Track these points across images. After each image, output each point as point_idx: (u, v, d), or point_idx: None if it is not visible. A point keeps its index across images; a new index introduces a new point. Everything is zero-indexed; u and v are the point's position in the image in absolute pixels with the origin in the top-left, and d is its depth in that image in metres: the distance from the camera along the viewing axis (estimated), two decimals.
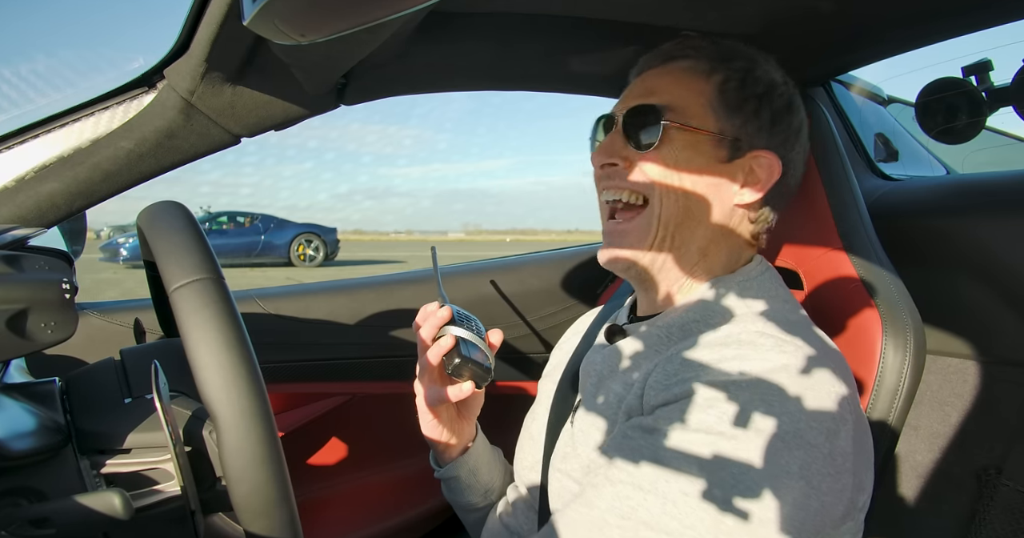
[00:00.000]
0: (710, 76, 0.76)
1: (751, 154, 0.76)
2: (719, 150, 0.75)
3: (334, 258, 13.50)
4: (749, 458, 0.60)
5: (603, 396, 0.77)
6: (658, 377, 0.69)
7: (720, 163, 0.75)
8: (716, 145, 0.75)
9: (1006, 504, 0.87)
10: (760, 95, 0.76)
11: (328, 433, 1.38)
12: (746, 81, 0.76)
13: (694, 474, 0.61)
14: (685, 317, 0.76)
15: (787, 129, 0.78)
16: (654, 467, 0.63)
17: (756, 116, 0.76)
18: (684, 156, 0.75)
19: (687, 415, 0.64)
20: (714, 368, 0.66)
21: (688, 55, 0.78)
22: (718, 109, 0.75)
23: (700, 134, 0.74)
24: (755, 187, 0.76)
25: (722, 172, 0.75)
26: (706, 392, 0.64)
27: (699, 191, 0.75)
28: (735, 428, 0.61)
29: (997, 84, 1.07)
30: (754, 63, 0.78)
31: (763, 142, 0.76)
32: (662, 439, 0.64)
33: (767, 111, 0.76)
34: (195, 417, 0.67)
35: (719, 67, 0.77)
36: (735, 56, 0.78)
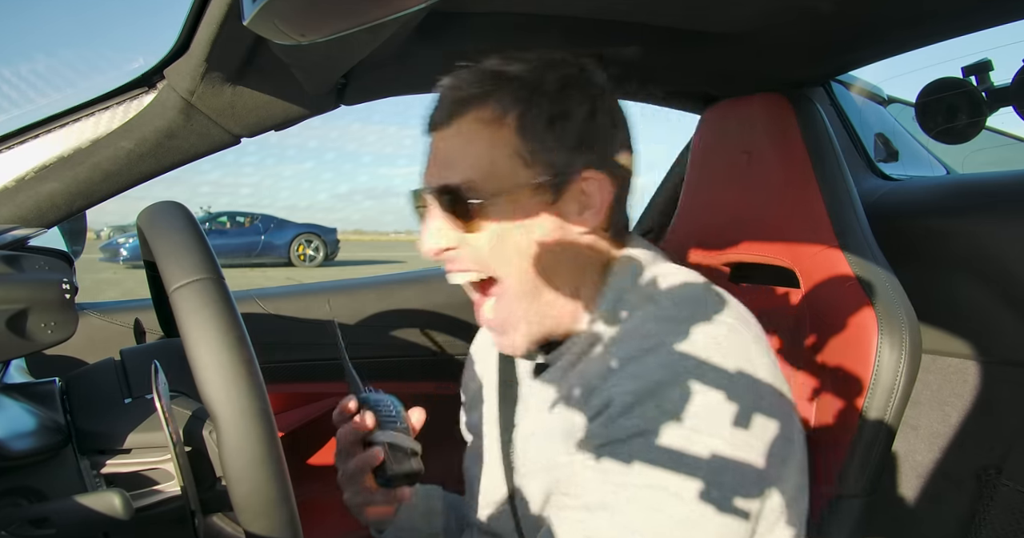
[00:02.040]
0: (502, 120, 0.67)
1: (576, 180, 0.69)
2: (542, 195, 0.68)
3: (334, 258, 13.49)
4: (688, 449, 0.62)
5: (540, 434, 0.76)
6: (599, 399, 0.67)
7: (549, 205, 0.68)
8: (536, 192, 0.68)
9: (1006, 504, 0.87)
10: (561, 113, 0.68)
11: (328, 433, 1.37)
12: (540, 105, 0.67)
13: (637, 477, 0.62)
14: (597, 331, 0.73)
15: (600, 133, 0.70)
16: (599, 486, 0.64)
17: (564, 139, 0.68)
18: (508, 222, 0.68)
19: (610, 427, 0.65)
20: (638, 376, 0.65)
21: (469, 101, 0.68)
22: (525, 154, 0.67)
23: (516, 193, 0.67)
24: (592, 211, 0.70)
25: (555, 213, 0.69)
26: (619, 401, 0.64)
27: (538, 246, 0.69)
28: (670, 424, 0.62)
29: (997, 84, 1.07)
30: (541, 75, 0.68)
31: (582, 161, 0.69)
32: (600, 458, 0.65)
33: (573, 127, 0.68)
34: (195, 417, 0.67)
35: (509, 103, 0.67)
36: (519, 78, 0.68)
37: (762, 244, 1.03)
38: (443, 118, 0.70)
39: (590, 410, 0.67)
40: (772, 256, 1.01)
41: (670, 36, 0.95)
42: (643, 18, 0.92)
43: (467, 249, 0.70)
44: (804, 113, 1.03)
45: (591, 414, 0.67)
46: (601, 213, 0.71)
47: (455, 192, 0.68)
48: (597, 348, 0.72)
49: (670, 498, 0.61)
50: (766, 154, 1.04)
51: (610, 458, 0.64)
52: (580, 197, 0.70)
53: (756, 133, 1.06)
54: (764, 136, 1.05)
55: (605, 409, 0.65)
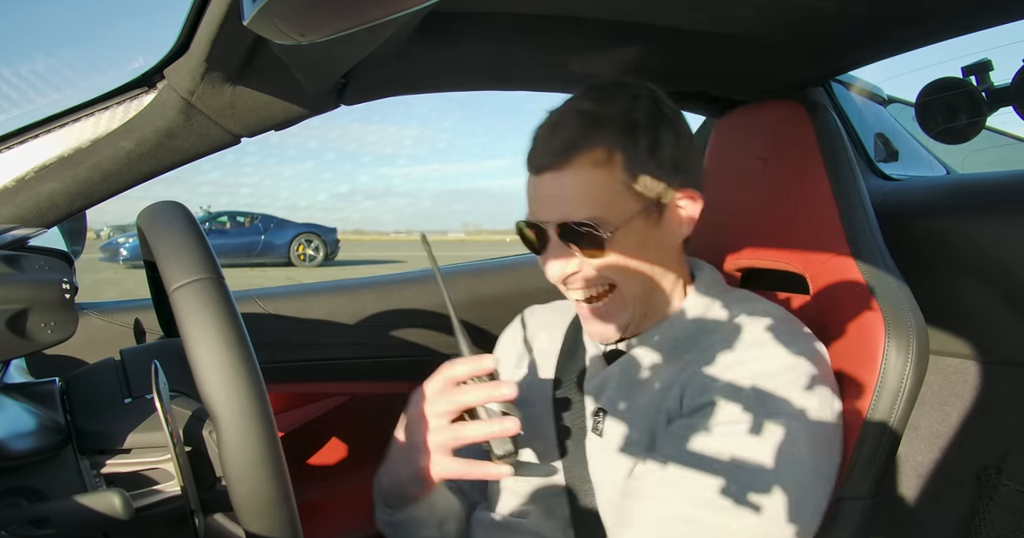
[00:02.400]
0: (611, 160, 0.75)
1: (675, 199, 0.80)
2: (651, 217, 0.78)
3: (334, 258, 13.49)
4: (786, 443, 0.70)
5: (633, 407, 0.81)
6: (696, 382, 0.76)
7: (655, 226, 0.79)
8: (646, 216, 0.78)
9: (1006, 504, 0.87)
10: (654, 144, 0.76)
11: (328, 433, 1.38)
12: (638, 141, 0.76)
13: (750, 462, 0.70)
14: (679, 328, 0.84)
15: (687, 154, 0.81)
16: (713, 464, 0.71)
17: (662, 167, 0.77)
18: (630, 246, 0.78)
19: (731, 414, 0.72)
20: (742, 369, 0.75)
21: (578, 145, 0.75)
22: (634, 186, 0.76)
23: (633, 220, 0.77)
24: (689, 222, 0.82)
25: (662, 231, 0.80)
26: (742, 393, 0.73)
27: (652, 260, 0.81)
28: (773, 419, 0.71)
29: (997, 84, 1.07)
30: (632, 113, 0.76)
31: (678, 183, 0.79)
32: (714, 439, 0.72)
33: (667, 154, 0.78)
34: (195, 417, 0.67)
35: (613, 144, 0.75)
36: (616, 119, 0.76)
37: (774, 250, 1.03)
38: (554, 161, 0.76)
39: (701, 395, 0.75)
40: (782, 261, 1.01)
41: (670, 36, 0.95)
42: (644, 18, 0.92)
43: (588, 269, 0.79)
44: (819, 120, 1.03)
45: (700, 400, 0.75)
46: (693, 225, 0.82)
47: (582, 227, 0.75)
48: (697, 337, 0.81)
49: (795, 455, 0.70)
50: (782, 160, 1.04)
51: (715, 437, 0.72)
52: (678, 212, 0.81)
53: (773, 139, 1.06)
54: (780, 142, 1.05)
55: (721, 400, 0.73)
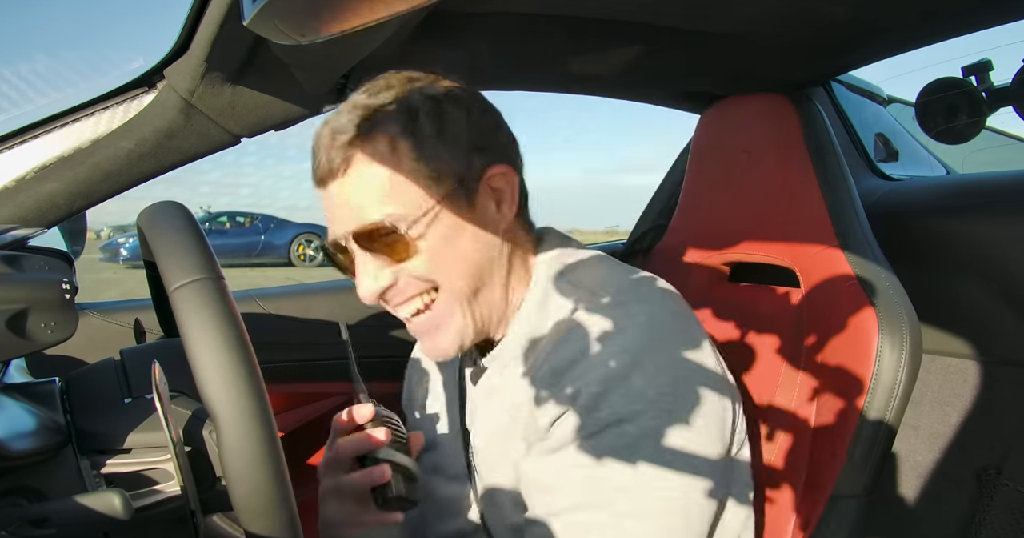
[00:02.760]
0: (396, 150, 0.68)
1: (483, 179, 0.71)
2: (458, 201, 0.69)
3: None
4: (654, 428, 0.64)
5: (493, 432, 0.76)
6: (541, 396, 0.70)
7: (465, 210, 0.70)
8: (452, 201, 0.69)
9: (1006, 504, 0.87)
10: (442, 124, 0.69)
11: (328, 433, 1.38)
12: (421, 124, 0.68)
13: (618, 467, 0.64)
14: (526, 328, 0.75)
15: (485, 131, 0.72)
16: (584, 481, 0.65)
17: (457, 145, 0.70)
18: (440, 237, 0.69)
19: (584, 419, 0.66)
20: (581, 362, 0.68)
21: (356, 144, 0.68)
22: (428, 171, 0.68)
23: (435, 211, 0.68)
24: (507, 203, 0.72)
25: (474, 215, 0.71)
26: (589, 390, 0.66)
27: (472, 249, 0.71)
28: (626, 408, 0.65)
29: (997, 84, 1.07)
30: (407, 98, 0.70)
31: (481, 161, 0.71)
32: (576, 453, 0.66)
33: (460, 131, 0.70)
34: (195, 417, 0.67)
35: (395, 131, 0.68)
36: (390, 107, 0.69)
37: (762, 244, 1.03)
38: (336, 165, 0.68)
39: (552, 407, 0.69)
40: (772, 256, 1.01)
41: (671, 36, 0.95)
42: (644, 18, 0.92)
43: (405, 278, 0.71)
44: (805, 113, 1.03)
45: (554, 411, 0.68)
46: (514, 203, 0.74)
47: (380, 230, 0.67)
48: (540, 344, 0.73)
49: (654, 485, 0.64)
50: (766, 153, 1.04)
51: (588, 453, 0.65)
52: (492, 194, 0.72)
53: (756, 132, 1.06)
54: (764, 135, 1.05)
55: (572, 404, 0.67)
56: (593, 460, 0.64)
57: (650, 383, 0.65)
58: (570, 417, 0.67)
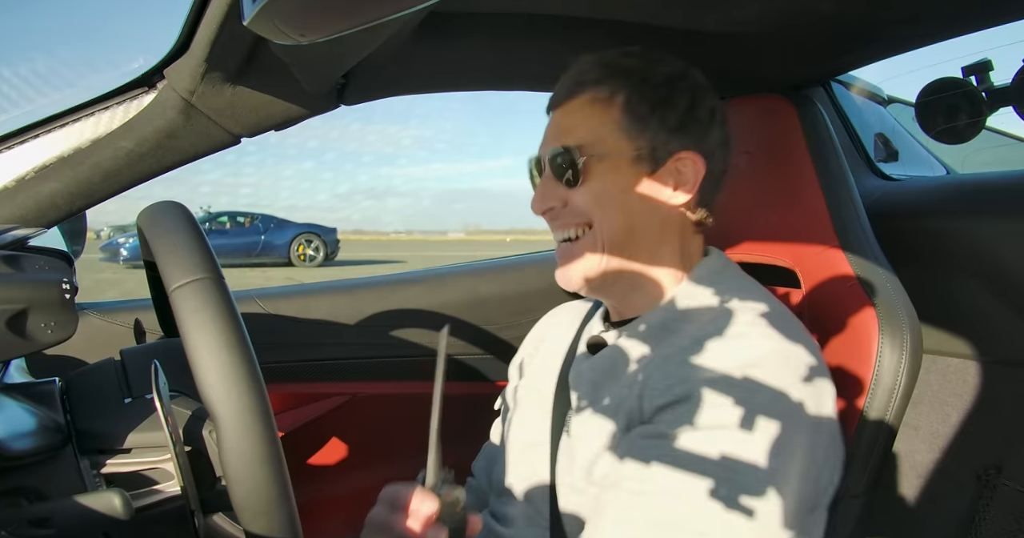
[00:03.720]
0: (611, 100, 0.79)
1: (673, 158, 0.79)
2: (641, 166, 0.78)
3: (334, 258, 13.50)
4: (762, 446, 0.66)
5: (598, 405, 0.79)
6: (657, 379, 0.73)
7: (646, 176, 0.79)
8: (637, 163, 0.78)
9: (1006, 504, 0.87)
10: (663, 101, 0.78)
11: (328, 433, 1.38)
12: (646, 92, 0.78)
13: (716, 471, 0.65)
14: (664, 317, 0.80)
15: (698, 124, 0.80)
16: (675, 471, 0.66)
17: (664, 123, 0.78)
18: (610, 182, 0.79)
19: (696, 415, 0.68)
20: (710, 364, 0.70)
21: (586, 84, 0.80)
22: (629, 129, 0.78)
23: (619, 159, 0.78)
24: (686, 187, 0.79)
25: (651, 183, 0.79)
26: (708, 389, 0.68)
27: (634, 207, 0.79)
28: (743, 419, 0.66)
29: (997, 84, 1.07)
30: (650, 69, 0.80)
31: (679, 143, 0.79)
32: (676, 442, 0.67)
33: (674, 114, 0.79)
34: (195, 417, 0.67)
35: (618, 87, 0.79)
36: (631, 69, 0.79)
37: (763, 244, 1.03)
38: (564, 96, 0.82)
39: (666, 394, 0.71)
40: (773, 256, 1.01)
41: (670, 36, 0.95)
42: (644, 18, 0.92)
43: (570, 206, 0.81)
44: (806, 113, 1.03)
45: (666, 398, 0.71)
46: (693, 190, 0.79)
47: (567, 153, 0.79)
48: (673, 337, 0.76)
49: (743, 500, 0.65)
50: (767, 155, 1.04)
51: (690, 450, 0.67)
52: (675, 174, 0.79)
53: (757, 133, 1.06)
54: (765, 136, 1.05)
55: (687, 398, 0.69)
56: (690, 456, 0.66)
57: (772, 407, 0.67)
58: (681, 409, 0.69)
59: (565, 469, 0.80)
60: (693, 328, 0.76)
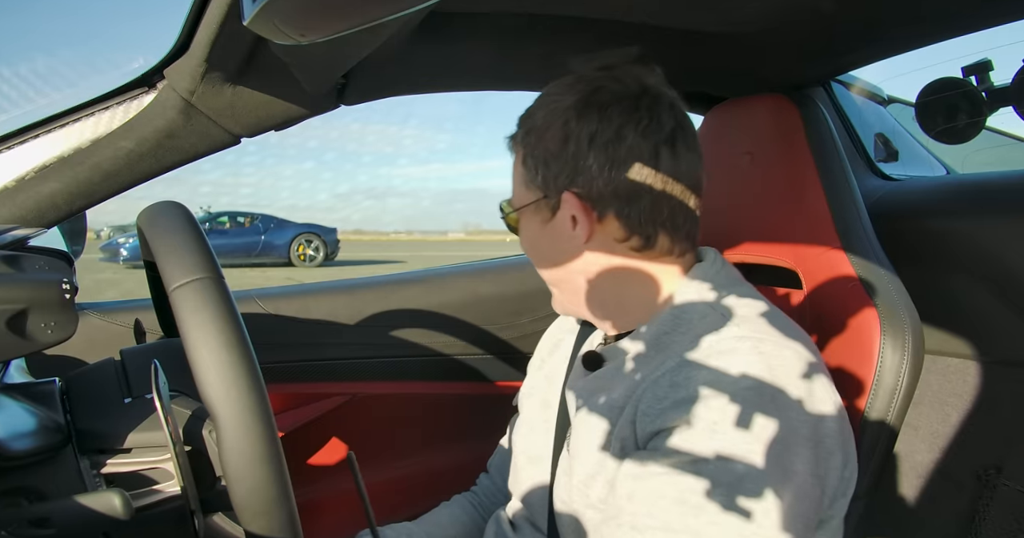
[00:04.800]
0: (517, 154, 0.81)
1: (562, 200, 0.77)
2: (540, 214, 0.80)
3: (334, 258, 13.50)
4: (761, 470, 0.62)
5: (592, 425, 0.77)
6: (649, 402, 0.70)
7: (547, 223, 0.80)
8: (537, 211, 0.80)
9: (1006, 504, 0.87)
10: (540, 144, 0.77)
11: (328, 433, 1.38)
12: (531, 144, 0.78)
13: (717, 501, 0.62)
14: (656, 331, 0.76)
15: (572, 158, 0.75)
16: (677, 505, 0.63)
17: (546, 169, 0.77)
18: (527, 232, 0.83)
19: (690, 442, 0.65)
20: (701, 386, 0.66)
21: (515, 136, 0.82)
22: (527, 180, 0.80)
23: (524, 211, 0.81)
24: (581, 224, 0.77)
25: (553, 229, 0.79)
26: (703, 413, 0.65)
27: (550, 253, 0.82)
28: (741, 445, 0.63)
29: (997, 84, 1.07)
30: (533, 118, 0.79)
31: (559, 185, 0.77)
32: (677, 475, 0.64)
33: (551, 156, 0.77)
34: (195, 417, 0.67)
35: (518, 142, 0.81)
36: (526, 120, 0.80)
37: (764, 245, 1.03)
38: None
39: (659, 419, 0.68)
40: (774, 257, 1.01)
41: (670, 36, 0.95)
42: (643, 18, 0.92)
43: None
44: (807, 113, 1.03)
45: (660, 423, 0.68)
46: (589, 226, 0.76)
47: (501, 208, 0.86)
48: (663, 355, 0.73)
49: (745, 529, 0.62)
50: (769, 155, 1.04)
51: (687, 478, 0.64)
52: (570, 213, 0.78)
53: (759, 134, 1.06)
54: (767, 137, 1.05)
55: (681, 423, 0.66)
56: (692, 488, 0.63)
57: (767, 428, 0.64)
58: (677, 435, 0.66)
59: (563, 487, 0.79)
60: (683, 344, 0.72)
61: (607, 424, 0.74)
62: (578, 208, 0.76)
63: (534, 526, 0.87)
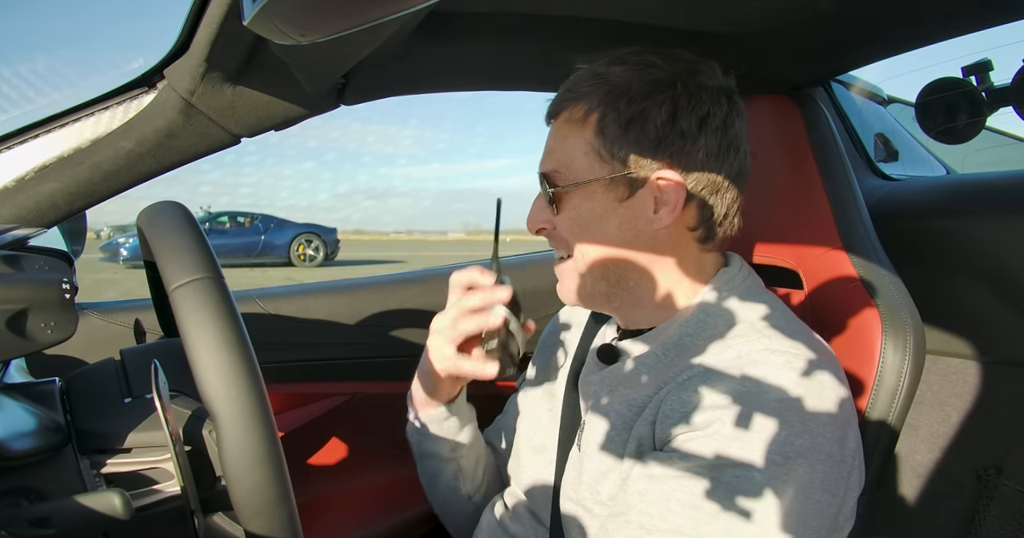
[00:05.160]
0: (586, 120, 0.74)
1: (651, 180, 0.73)
2: (616, 191, 0.74)
3: (334, 258, 13.50)
4: (780, 484, 0.62)
5: (609, 423, 0.75)
6: (672, 405, 0.69)
7: (622, 201, 0.74)
8: (612, 187, 0.74)
9: (1006, 504, 0.87)
10: (639, 115, 0.72)
11: (328, 433, 1.38)
12: (620, 108, 0.72)
13: (732, 510, 0.62)
14: (680, 332, 0.75)
15: (680, 137, 0.73)
16: (690, 510, 0.63)
17: (640, 140, 0.72)
18: (586, 210, 0.75)
19: (712, 449, 0.64)
20: (730, 394, 0.66)
21: (565, 101, 0.76)
22: (602, 151, 0.73)
23: (594, 185, 0.74)
24: (667, 209, 0.73)
25: (627, 209, 0.74)
26: (728, 422, 0.64)
27: (613, 235, 0.75)
28: (762, 456, 0.62)
29: (997, 84, 1.07)
30: (632, 79, 0.73)
31: (657, 164, 0.73)
32: (693, 479, 0.63)
33: (651, 129, 0.72)
34: (195, 417, 0.67)
35: (593, 105, 0.74)
36: (610, 81, 0.74)
37: (766, 245, 1.03)
38: (550, 113, 0.79)
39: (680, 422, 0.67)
40: (775, 257, 1.01)
41: (670, 36, 0.95)
42: (643, 18, 0.92)
43: (556, 231, 0.79)
44: (809, 114, 1.03)
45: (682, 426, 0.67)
46: (675, 212, 0.73)
47: (545, 179, 0.77)
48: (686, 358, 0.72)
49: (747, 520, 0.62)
50: (772, 155, 1.04)
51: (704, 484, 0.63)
52: (655, 195, 0.74)
53: (760, 134, 1.06)
54: (768, 137, 1.05)
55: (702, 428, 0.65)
56: (708, 495, 0.63)
57: (792, 442, 0.63)
58: (698, 440, 0.65)
59: (571, 483, 0.78)
60: (708, 349, 0.71)
61: (624, 422, 0.73)
62: (674, 192, 0.72)
63: (535, 517, 0.87)
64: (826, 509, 0.64)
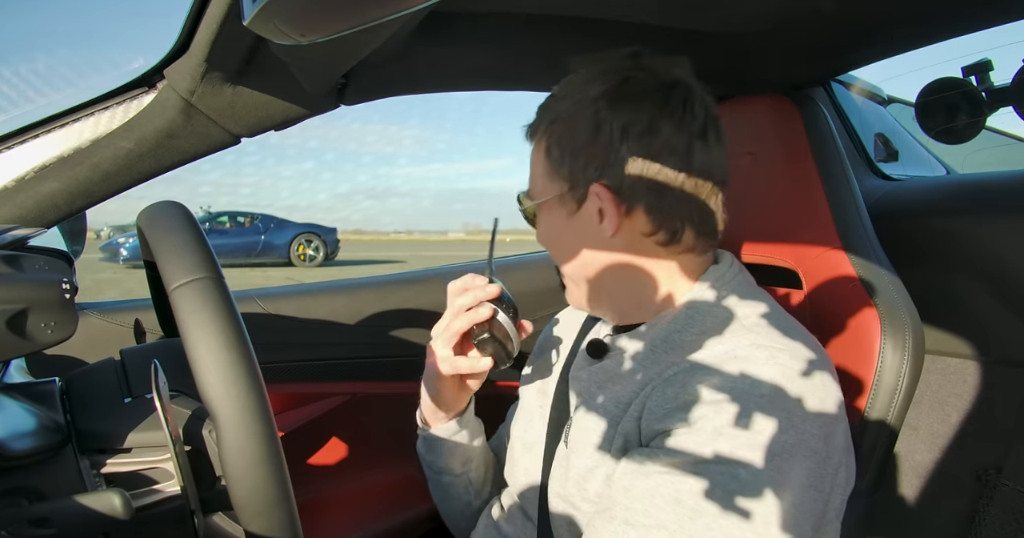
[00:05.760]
0: (539, 144, 0.80)
1: (591, 192, 0.75)
2: (566, 206, 0.78)
3: (334, 258, 13.50)
4: (765, 480, 0.62)
5: (595, 418, 0.76)
6: (657, 401, 0.69)
7: (572, 216, 0.78)
8: (562, 204, 0.78)
9: (1006, 504, 0.87)
10: (566, 135, 0.76)
11: (328, 433, 1.38)
12: (556, 130, 0.77)
13: (716, 506, 0.62)
14: (667, 328, 0.76)
15: (602, 149, 0.74)
16: (674, 506, 0.63)
17: (573, 159, 0.75)
18: (548, 225, 0.82)
19: (698, 445, 0.64)
20: (716, 390, 0.66)
21: (530, 131, 0.82)
22: (550, 171, 0.78)
23: (549, 202, 0.80)
24: (609, 217, 0.75)
25: (578, 221, 0.78)
26: (712, 416, 0.64)
27: (573, 246, 0.80)
28: (747, 452, 0.63)
29: (997, 84, 1.07)
30: (560, 104, 0.77)
31: (588, 177, 0.75)
32: (678, 475, 0.64)
33: (580, 147, 0.75)
34: (195, 417, 0.67)
35: (541, 129, 0.79)
36: (551, 108, 0.79)
37: (765, 245, 1.03)
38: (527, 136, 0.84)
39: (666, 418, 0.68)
40: (775, 257, 1.01)
41: (670, 36, 0.95)
42: (643, 18, 0.92)
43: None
44: (808, 114, 1.03)
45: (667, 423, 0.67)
46: (617, 220, 0.75)
47: (519, 200, 0.85)
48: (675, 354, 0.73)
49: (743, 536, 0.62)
50: (770, 155, 1.04)
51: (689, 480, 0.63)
52: (598, 206, 0.76)
53: (760, 134, 1.06)
54: (769, 137, 1.05)
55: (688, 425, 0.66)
56: (692, 490, 0.63)
57: (777, 438, 0.63)
58: (683, 436, 0.65)
59: (558, 479, 0.79)
60: (695, 345, 0.72)
61: (611, 419, 0.74)
62: (608, 201, 0.74)
63: (525, 515, 0.87)
64: (811, 506, 0.64)
